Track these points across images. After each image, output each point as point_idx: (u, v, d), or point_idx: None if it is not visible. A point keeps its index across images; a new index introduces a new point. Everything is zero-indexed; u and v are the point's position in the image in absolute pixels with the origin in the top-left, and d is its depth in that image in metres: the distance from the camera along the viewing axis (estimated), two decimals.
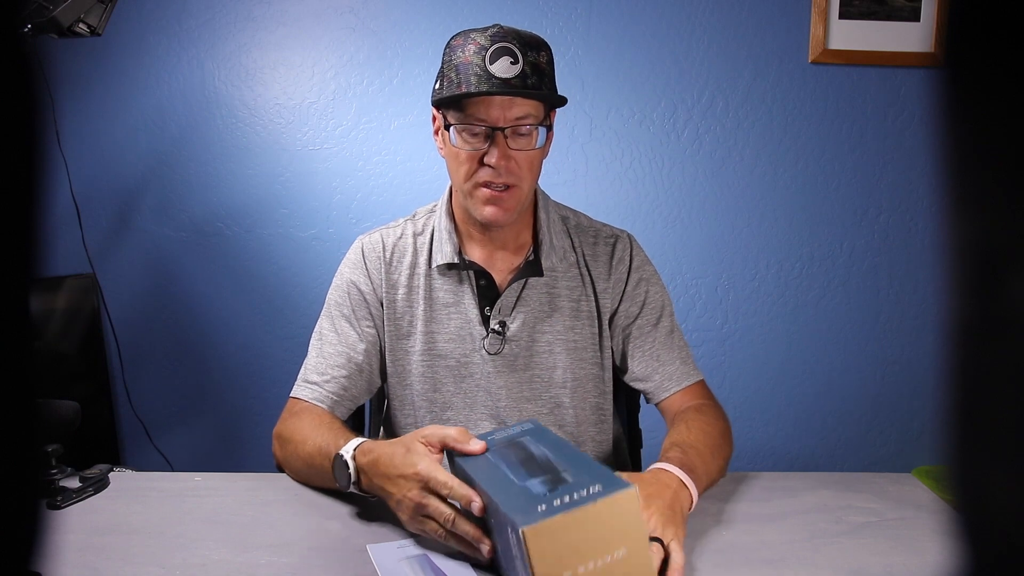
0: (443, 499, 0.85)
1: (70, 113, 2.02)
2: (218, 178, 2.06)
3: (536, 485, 0.76)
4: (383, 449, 0.93)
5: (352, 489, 0.96)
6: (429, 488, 0.85)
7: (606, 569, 0.71)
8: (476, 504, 0.81)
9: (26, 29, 1.46)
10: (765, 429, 2.16)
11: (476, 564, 0.86)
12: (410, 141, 2.05)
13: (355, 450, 0.96)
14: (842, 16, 2.01)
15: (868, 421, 2.17)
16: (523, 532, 0.69)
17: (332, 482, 0.99)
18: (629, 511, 0.72)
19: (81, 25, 1.54)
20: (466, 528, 0.83)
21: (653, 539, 0.83)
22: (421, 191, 2.05)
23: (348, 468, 0.95)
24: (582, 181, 2.07)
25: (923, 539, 0.95)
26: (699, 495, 0.97)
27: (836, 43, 2.02)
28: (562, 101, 1.11)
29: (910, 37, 2.02)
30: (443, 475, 0.85)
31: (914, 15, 2.02)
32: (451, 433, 0.89)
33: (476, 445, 0.88)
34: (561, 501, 0.71)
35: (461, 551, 0.86)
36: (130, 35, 2.01)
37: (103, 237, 2.06)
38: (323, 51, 2.03)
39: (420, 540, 0.92)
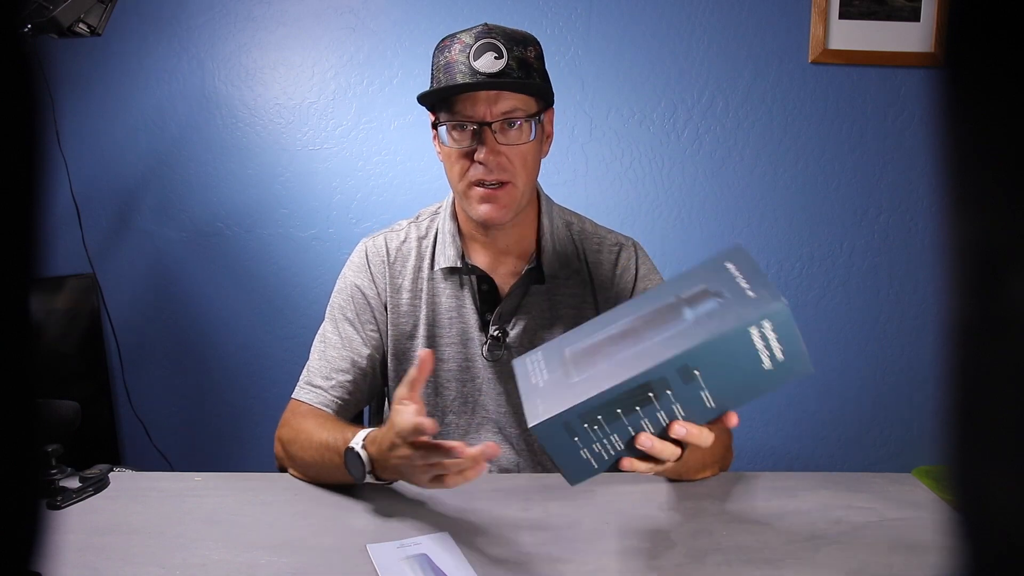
0: (434, 447, 0.86)
1: (70, 113, 2.02)
2: (218, 178, 2.06)
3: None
4: (382, 431, 0.94)
5: (369, 479, 0.97)
6: (407, 441, 0.87)
7: None
8: (476, 452, 0.83)
9: (26, 29, 1.46)
10: (765, 429, 2.15)
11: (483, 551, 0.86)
12: (410, 141, 2.05)
13: (364, 440, 0.97)
14: (842, 16, 2.01)
15: (868, 421, 2.16)
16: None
17: (345, 476, 1.00)
18: None
19: (81, 25, 1.54)
20: (471, 452, 0.84)
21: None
22: (421, 191, 2.05)
23: (361, 459, 0.96)
24: (582, 181, 2.07)
25: (923, 539, 0.95)
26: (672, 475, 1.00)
27: (836, 43, 2.02)
28: (548, 93, 1.10)
29: (910, 37, 2.02)
30: (405, 420, 0.86)
31: (914, 15, 2.02)
32: (411, 373, 0.91)
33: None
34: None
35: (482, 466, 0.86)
36: (130, 35, 2.01)
37: (103, 237, 2.06)
38: (323, 51, 2.03)
39: (420, 540, 0.92)
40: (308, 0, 2.02)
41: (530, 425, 0.74)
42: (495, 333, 1.17)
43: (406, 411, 0.88)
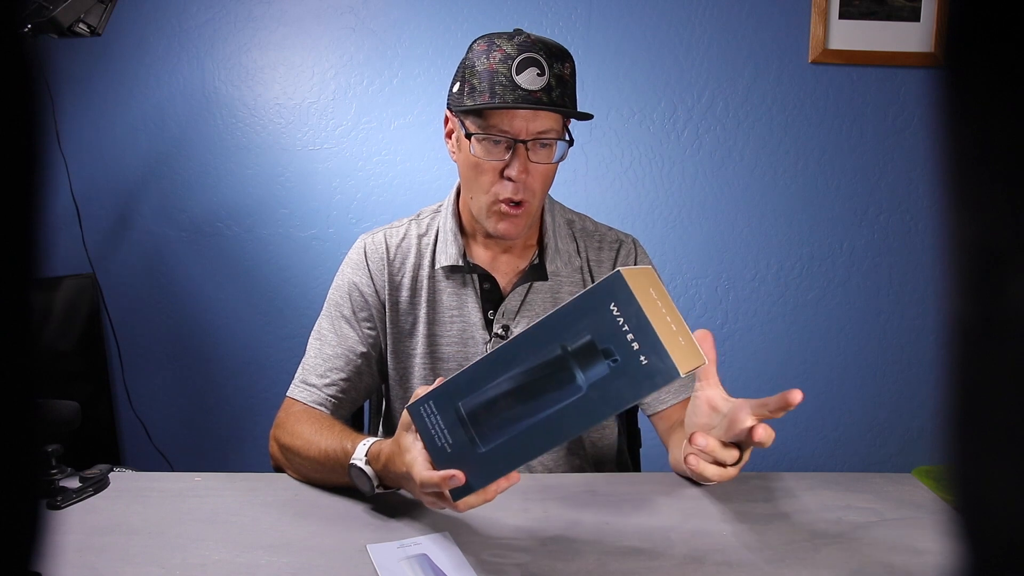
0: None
1: (70, 113, 2.02)
2: (218, 178, 2.06)
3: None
4: (387, 452, 0.94)
5: (379, 492, 0.97)
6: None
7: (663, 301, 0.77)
8: (456, 480, 0.81)
9: (26, 29, 1.46)
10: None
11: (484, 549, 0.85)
12: (410, 141, 2.05)
13: (367, 455, 0.97)
14: (842, 16, 2.01)
15: (868, 421, 2.17)
16: (622, 272, 0.73)
17: (345, 481, 1.00)
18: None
19: (81, 25, 1.54)
20: (474, 501, 0.83)
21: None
22: (421, 191, 2.05)
23: (367, 475, 0.96)
24: (582, 181, 2.07)
25: (923, 539, 0.95)
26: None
27: (836, 43, 2.02)
28: (587, 116, 1.09)
29: (910, 37, 2.02)
30: (426, 476, 0.83)
31: (914, 15, 2.02)
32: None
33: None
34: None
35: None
36: (130, 35, 2.01)
37: (103, 237, 2.06)
38: (323, 51, 2.03)
39: (420, 540, 0.92)
40: (308, 0, 2.02)
41: (455, 499, 0.82)
42: (499, 331, 1.17)
43: (420, 457, 0.85)
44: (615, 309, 0.73)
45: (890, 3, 2.01)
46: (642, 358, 0.72)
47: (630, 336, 0.72)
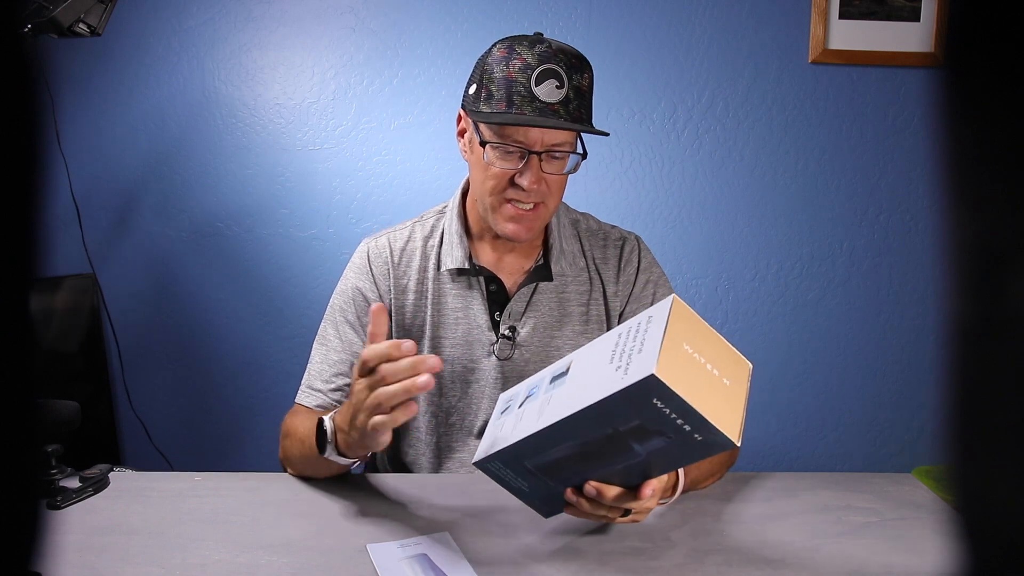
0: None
1: (70, 113, 2.01)
2: (218, 178, 2.06)
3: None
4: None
5: (331, 454, 0.96)
6: (370, 370, 0.85)
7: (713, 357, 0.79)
8: (409, 346, 0.84)
9: (26, 29, 1.46)
10: (765, 429, 2.16)
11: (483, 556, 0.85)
12: (410, 141, 2.05)
13: (334, 413, 0.98)
14: (842, 16, 2.01)
15: (868, 421, 2.17)
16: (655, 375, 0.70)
17: (327, 467, 1.00)
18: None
19: (81, 25, 1.54)
20: (405, 365, 0.83)
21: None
22: (421, 191, 2.05)
23: (323, 427, 0.97)
24: (582, 181, 2.07)
25: (923, 539, 0.95)
26: (681, 492, 0.98)
27: (836, 43, 2.02)
28: (603, 133, 1.10)
29: (910, 37, 2.02)
30: (371, 348, 0.85)
31: (914, 15, 2.02)
32: (381, 349, 0.85)
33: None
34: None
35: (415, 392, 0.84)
36: (130, 35, 2.01)
37: (103, 237, 2.06)
38: (323, 51, 2.03)
39: (420, 540, 0.92)
40: (308, 0, 2.02)
41: (546, 516, 0.93)
42: (506, 332, 1.17)
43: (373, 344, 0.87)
44: (659, 403, 0.73)
45: (890, 3, 2.01)
46: (696, 436, 0.74)
47: (679, 421, 0.74)
